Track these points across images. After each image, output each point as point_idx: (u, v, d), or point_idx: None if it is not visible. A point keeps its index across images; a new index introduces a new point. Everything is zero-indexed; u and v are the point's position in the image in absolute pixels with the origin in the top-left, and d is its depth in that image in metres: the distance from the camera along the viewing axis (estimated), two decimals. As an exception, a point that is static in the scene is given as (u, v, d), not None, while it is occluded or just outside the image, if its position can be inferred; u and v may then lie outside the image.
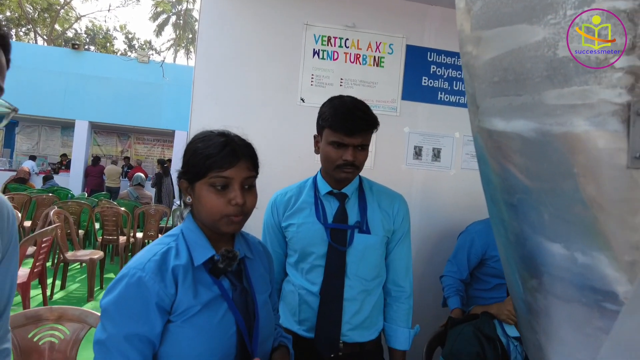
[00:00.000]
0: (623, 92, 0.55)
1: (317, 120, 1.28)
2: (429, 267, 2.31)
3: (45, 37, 20.52)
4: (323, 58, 2.35)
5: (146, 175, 9.37)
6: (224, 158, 0.93)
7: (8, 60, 0.74)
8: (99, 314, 1.36)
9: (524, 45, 0.63)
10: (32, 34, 21.13)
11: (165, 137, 14.44)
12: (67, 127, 13.76)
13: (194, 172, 0.97)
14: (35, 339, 1.59)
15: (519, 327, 0.97)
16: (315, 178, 1.37)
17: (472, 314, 1.67)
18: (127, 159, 13.57)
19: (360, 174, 1.37)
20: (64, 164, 12.63)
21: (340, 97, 1.27)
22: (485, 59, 0.69)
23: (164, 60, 13.84)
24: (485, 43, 0.69)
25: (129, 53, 25.20)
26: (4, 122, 0.79)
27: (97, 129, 14.09)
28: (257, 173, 1.01)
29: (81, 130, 11.83)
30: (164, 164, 9.00)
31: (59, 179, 10.21)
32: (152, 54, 22.59)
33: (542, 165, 0.63)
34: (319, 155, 1.29)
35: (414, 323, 1.39)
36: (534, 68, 0.62)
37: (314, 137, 1.30)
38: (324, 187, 1.32)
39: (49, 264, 4.97)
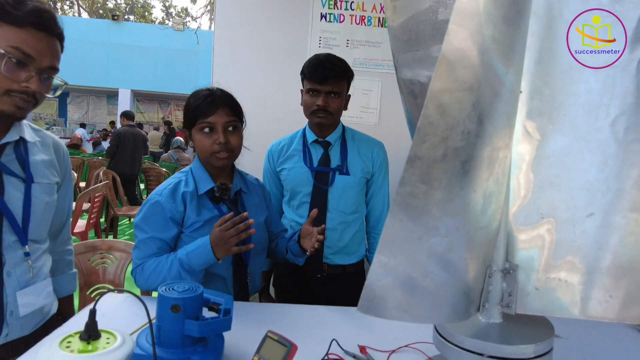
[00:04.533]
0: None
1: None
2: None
3: (87, 9, 21.29)
4: (330, 21, 2.51)
5: (186, 141, 10.13)
6: (206, 107, 1.21)
7: (62, 48, 1.02)
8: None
9: (419, 11, 0.83)
10: (75, 7, 21.97)
11: (203, 103, 14.89)
12: (111, 95, 14.57)
13: (187, 122, 1.26)
14: (93, 264, 1.98)
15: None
16: (304, 129, 1.61)
17: None
18: (168, 123, 14.26)
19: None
20: (111, 130, 13.47)
21: (318, 54, 1.51)
22: (398, 22, 0.89)
23: (198, 27, 14.11)
24: (398, 10, 0.89)
25: (166, 21, 25.62)
26: (58, 92, 1.08)
27: (139, 97, 14.81)
28: (239, 118, 1.27)
29: (124, 99, 12.54)
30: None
31: (107, 145, 11.01)
32: (189, 21, 22.90)
33: (432, 103, 0.85)
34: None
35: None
36: (425, 29, 0.82)
37: (300, 90, 1.54)
38: (310, 136, 1.56)
39: (102, 219, 5.59)
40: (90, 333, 0.82)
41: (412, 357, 0.96)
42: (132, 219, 6.14)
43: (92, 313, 0.83)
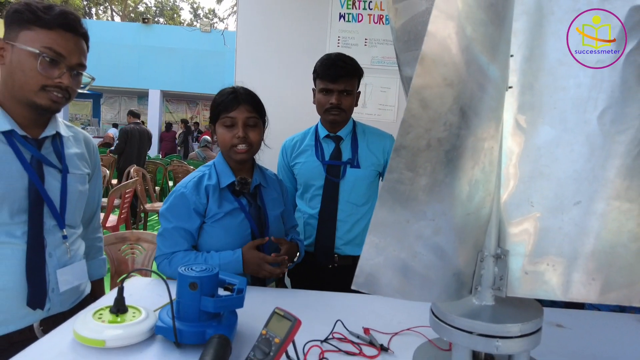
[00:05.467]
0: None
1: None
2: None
3: (120, 13, 22.09)
4: (348, 21, 2.57)
5: (212, 137, 10.52)
6: (228, 103, 1.30)
7: (88, 47, 1.13)
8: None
9: (417, 13, 0.88)
10: (109, 11, 22.84)
11: (229, 102, 15.22)
12: (142, 96, 15.09)
13: (212, 116, 1.35)
14: (123, 254, 2.12)
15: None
16: (317, 125, 1.68)
17: None
18: (196, 124, 14.66)
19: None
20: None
21: (329, 53, 1.58)
22: (399, 24, 0.95)
23: (225, 29, 14.39)
24: (399, 13, 0.94)
25: (195, 23, 26.22)
26: (86, 88, 1.19)
27: (168, 97, 15.27)
28: (260, 115, 1.35)
29: (154, 99, 12.97)
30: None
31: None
32: (216, 22, 23.37)
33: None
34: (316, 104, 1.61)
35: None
36: (422, 30, 0.87)
37: (312, 90, 1.61)
38: (322, 132, 1.63)
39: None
40: (119, 307, 0.92)
41: (413, 340, 1.01)
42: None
43: (120, 290, 0.94)
